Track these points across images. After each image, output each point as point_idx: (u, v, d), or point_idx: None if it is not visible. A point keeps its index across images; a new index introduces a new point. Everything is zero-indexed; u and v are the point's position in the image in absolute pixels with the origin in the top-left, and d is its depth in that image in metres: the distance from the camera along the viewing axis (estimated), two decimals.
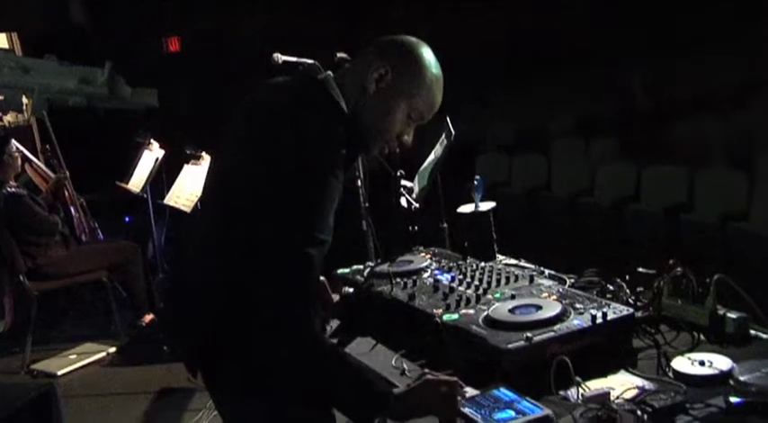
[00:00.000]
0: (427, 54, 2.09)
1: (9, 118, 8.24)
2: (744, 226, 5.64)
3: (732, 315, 2.23)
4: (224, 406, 2.23)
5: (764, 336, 2.21)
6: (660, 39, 9.46)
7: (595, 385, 1.98)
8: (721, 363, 1.99)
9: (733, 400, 1.76)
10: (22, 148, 5.91)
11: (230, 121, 2.17)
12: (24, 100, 6.64)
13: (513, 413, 1.92)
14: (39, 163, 6.40)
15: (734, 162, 6.62)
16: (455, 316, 2.31)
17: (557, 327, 2.15)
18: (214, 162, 2.29)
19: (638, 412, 1.77)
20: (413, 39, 2.11)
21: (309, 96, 2.01)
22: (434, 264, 2.89)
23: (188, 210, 5.88)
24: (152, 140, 6.79)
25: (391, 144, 2.13)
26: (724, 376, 1.93)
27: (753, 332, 2.22)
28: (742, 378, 1.88)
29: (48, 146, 6.51)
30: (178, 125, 7.18)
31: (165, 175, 6.59)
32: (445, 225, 3.35)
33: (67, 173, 6.14)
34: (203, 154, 6.00)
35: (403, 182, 3.24)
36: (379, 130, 2.07)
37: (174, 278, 2.34)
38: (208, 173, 2.32)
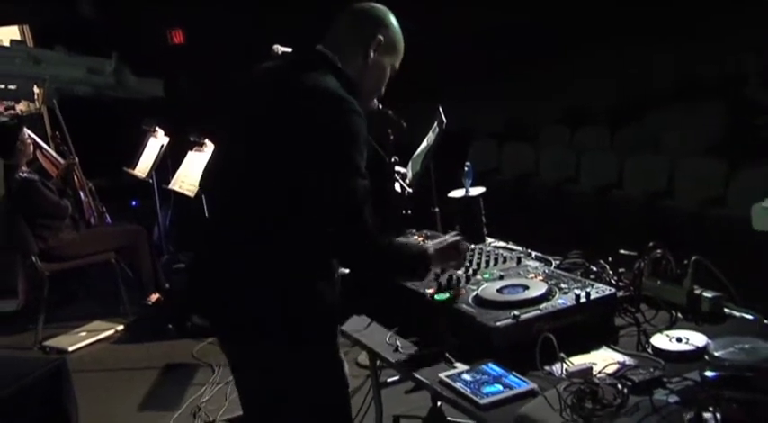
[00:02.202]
0: (394, 18, 2.32)
1: (21, 107, 8.20)
2: (720, 212, 5.66)
3: (708, 295, 2.25)
4: (249, 358, 2.27)
5: (738, 314, 2.23)
6: (641, 29, 9.45)
7: (579, 361, 1.99)
8: (697, 339, 2.01)
9: (708, 374, 1.76)
10: (33, 135, 5.89)
11: (237, 101, 2.29)
12: (36, 89, 6.61)
13: (500, 387, 1.94)
14: (49, 150, 6.38)
15: (711, 151, 6.63)
16: (446, 295, 2.32)
17: (542, 305, 2.17)
18: (230, 141, 2.32)
19: (619, 386, 1.78)
20: (380, 5, 2.33)
21: (313, 64, 2.18)
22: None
23: (192, 194, 5.88)
24: (157, 128, 6.76)
25: (375, 99, 2.38)
26: (699, 352, 1.95)
27: (727, 311, 2.24)
28: (716, 353, 1.89)
29: (58, 133, 6.48)
30: (182, 114, 7.15)
31: (169, 162, 6.57)
32: (437, 209, 3.36)
33: (77, 159, 6.11)
34: (206, 141, 5.99)
35: (397, 168, 3.24)
36: (374, 87, 2.30)
37: (198, 255, 2.39)
38: (221, 153, 2.35)
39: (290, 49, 2.66)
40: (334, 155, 2.04)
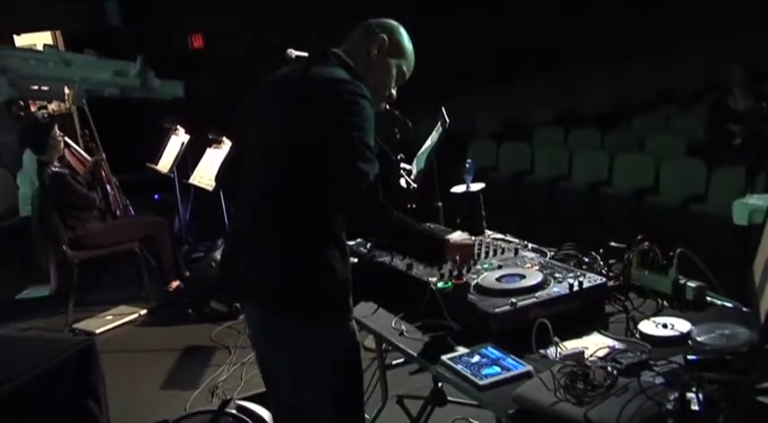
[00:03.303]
0: (404, 30, 2.40)
1: (53, 106, 8.21)
2: (702, 208, 5.66)
3: (692, 284, 2.25)
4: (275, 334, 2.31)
5: (719, 302, 2.23)
6: (630, 36, 9.47)
7: (571, 345, 2.00)
8: (681, 325, 2.01)
9: (691, 357, 1.77)
10: (62, 134, 5.90)
11: (255, 101, 2.36)
12: (66, 90, 6.61)
13: (498, 369, 1.94)
14: (77, 147, 6.39)
15: (693, 152, 6.64)
16: (448, 284, 2.33)
17: (538, 293, 2.17)
18: (253, 135, 2.36)
19: (609, 368, 1.78)
20: (393, 20, 2.41)
21: (328, 61, 2.25)
22: None
23: (210, 189, 5.89)
24: (179, 127, 6.78)
25: (384, 99, 2.40)
26: (683, 337, 1.96)
27: (709, 299, 2.25)
28: (699, 338, 1.90)
29: (87, 131, 6.50)
30: (201, 113, 7.15)
31: (189, 158, 6.59)
32: (440, 203, 3.35)
33: (104, 155, 6.13)
34: (224, 139, 6.00)
35: (402, 164, 3.23)
36: (380, 84, 2.34)
37: (229, 242, 2.44)
38: (244, 148, 2.39)
39: (304, 53, 2.67)
40: (343, 132, 2.09)
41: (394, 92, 2.41)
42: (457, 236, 2.45)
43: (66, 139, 6.00)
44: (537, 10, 10.25)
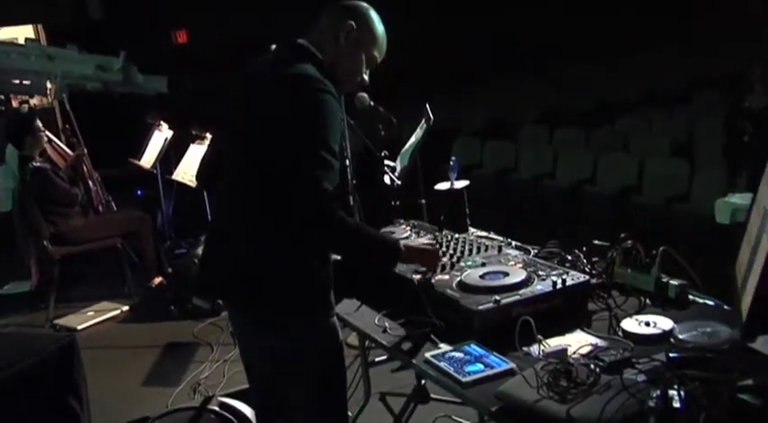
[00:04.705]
0: (375, 14, 2.33)
1: (34, 101, 8.13)
2: (685, 207, 5.70)
3: (674, 282, 2.26)
4: (251, 329, 2.32)
5: (701, 300, 2.24)
6: (614, 39, 9.52)
7: (555, 342, 2.00)
8: (664, 323, 2.02)
9: (673, 355, 1.78)
10: (43, 128, 5.85)
11: (234, 94, 2.32)
12: (48, 85, 6.55)
13: (481, 366, 1.94)
14: (58, 142, 6.33)
15: (677, 151, 6.68)
16: (431, 281, 2.33)
17: (522, 291, 2.18)
18: (228, 134, 2.35)
19: (592, 366, 1.78)
20: (363, 3, 2.34)
21: (295, 54, 2.20)
22: (414, 234, 2.90)
23: (193, 185, 5.86)
24: (162, 122, 6.74)
25: (356, 85, 2.37)
26: (666, 335, 1.97)
27: (691, 297, 2.25)
28: (681, 336, 1.91)
29: (68, 126, 6.44)
30: (185, 109, 7.12)
31: (172, 154, 6.55)
32: (423, 201, 3.35)
33: (86, 150, 6.08)
34: (208, 135, 5.97)
35: (386, 162, 3.23)
36: (350, 71, 2.29)
37: (208, 237, 2.41)
38: (221, 146, 2.37)
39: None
40: (303, 127, 2.06)
41: (366, 77, 2.36)
42: (407, 242, 2.38)
43: (48, 133, 5.94)
44: (523, 9, 10.29)
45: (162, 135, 6.65)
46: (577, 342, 1.99)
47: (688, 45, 9.28)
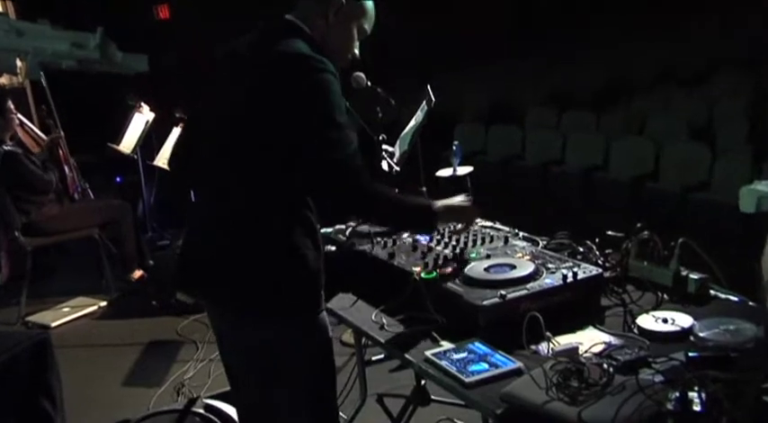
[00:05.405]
0: None
1: (3, 80, 8.09)
2: (705, 195, 5.69)
3: (694, 276, 2.26)
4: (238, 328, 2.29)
5: (723, 296, 2.24)
6: (629, 18, 9.48)
7: (565, 340, 2.00)
8: (683, 320, 2.02)
9: (693, 354, 1.78)
10: (14, 110, 5.82)
11: (218, 75, 2.34)
12: (18, 63, 6.52)
13: (486, 366, 1.94)
14: (31, 125, 6.30)
15: (696, 135, 6.67)
16: (433, 274, 2.32)
17: (529, 285, 2.17)
18: (210, 116, 2.32)
19: (605, 366, 1.78)
20: None
21: (284, 32, 2.22)
22: None
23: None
24: (143, 104, 6.71)
25: (347, 60, 2.38)
26: (685, 333, 1.97)
27: (712, 292, 2.25)
28: (701, 334, 1.91)
29: (44, 106, 6.42)
30: (167, 89, 7.09)
31: (154, 138, 6.53)
32: (424, 188, 3.35)
33: (62, 133, 6.06)
34: None
35: (384, 146, 3.22)
36: (341, 47, 2.32)
37: (189, 226, 2.40)
38: (202, 128, 2.35)
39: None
40: (309, 111, 2.09)
41: (357, 51, 2.39)
42: (441, 201, 2.41)
43: (20, 116, 5.92)
44: None
45: (143, 117, 6.62)
46: (589, 340, 1.99)
47: (708, 20, 9.24)
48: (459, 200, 2.48)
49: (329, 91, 2.10)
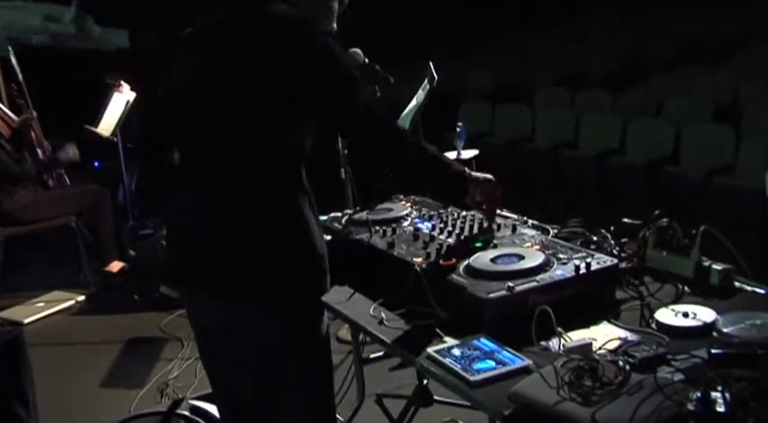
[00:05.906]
0: None
1: None
2: (729, 180, 5.70)
3: (717, 267, 2.25)
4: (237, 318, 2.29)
5: (749, 288, 2.24)
6: None
7: (578, 336, 1.99)
8: (705, 314, 2.01)
9: (716, 351, 1.77)
10: None
11: (190, 49, 2.41)
12: None
13: (492, 363, 1.93)
14: (0, 106, 6.29)
15: (720, 116, 6.66)
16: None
17: (539, 277, 2.16)
18: (206, 93, 2.31)
19: (621, 363, 1.78)
20: None
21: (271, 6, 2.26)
22: (415, 212, 2.89)
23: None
24: (122, 82, 6.69)
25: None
26: (707, 328, 1.96)
27: (737, 284, 2.25)
28: (725, 330, 1.90)
29: (14, 85, 6.39)
30: (149, 67, 7.08)
31: (135, 119, 6.52)
32: None
33: (35, 113, 6.04)
34: None
35: None
36: (326, 16, 2.39)
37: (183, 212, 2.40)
38: (181, 104, 2.35)
39: None
40: (329, 73, 2.17)
41: (335, 26, 2.45)
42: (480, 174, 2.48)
43: None
44: None
45: (122, 97, 6.59)
46: (604, 335, 1.98)
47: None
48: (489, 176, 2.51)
49: (341, 51, 2.19)
